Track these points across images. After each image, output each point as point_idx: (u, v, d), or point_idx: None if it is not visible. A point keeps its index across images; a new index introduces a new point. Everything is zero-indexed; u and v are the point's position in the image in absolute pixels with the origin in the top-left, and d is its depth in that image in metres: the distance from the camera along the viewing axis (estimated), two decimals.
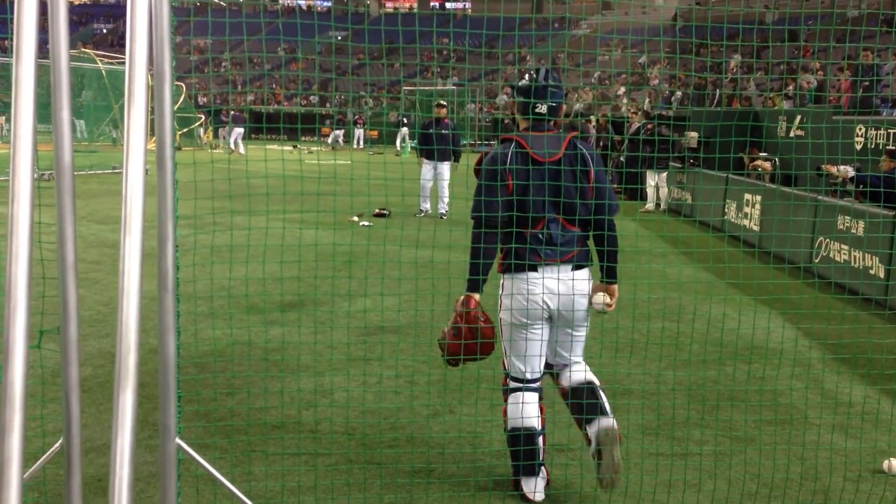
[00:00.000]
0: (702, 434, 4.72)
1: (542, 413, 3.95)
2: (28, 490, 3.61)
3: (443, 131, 14.01)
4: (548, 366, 4.03)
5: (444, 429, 4.70)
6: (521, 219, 3.78)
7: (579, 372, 3.96)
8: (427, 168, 14.10)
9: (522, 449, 3.82)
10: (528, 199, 3.76)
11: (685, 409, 5.02)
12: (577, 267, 3.84)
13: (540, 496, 3.86)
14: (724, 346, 6.33)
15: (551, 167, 3.79)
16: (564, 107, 3.93)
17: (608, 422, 3.78)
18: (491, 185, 3.80)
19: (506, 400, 3.96)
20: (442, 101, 14.77)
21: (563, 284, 3.77)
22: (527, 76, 3.92)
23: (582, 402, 3.87)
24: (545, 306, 3.81)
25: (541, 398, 3.96)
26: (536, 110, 3.85)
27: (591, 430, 3.81)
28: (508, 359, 3.98)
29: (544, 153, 3.79)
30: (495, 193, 3.77)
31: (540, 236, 3.78)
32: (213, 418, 4.73)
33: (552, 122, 3.90)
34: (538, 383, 3.96)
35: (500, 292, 3.92)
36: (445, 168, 13.99)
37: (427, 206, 14.31)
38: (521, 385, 3.93)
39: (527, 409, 3.86)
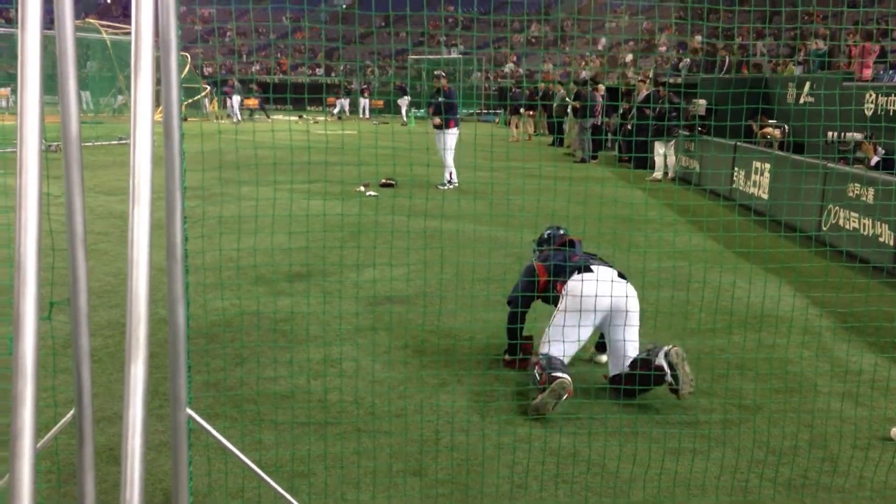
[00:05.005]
0: (710, 402, 4.73)
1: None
2: (41, 459, 3.65)
3: (439, 99, 13.88)
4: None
5: (452, 398, 4.72)
6: (559, 269, 4.99)
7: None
8: (436, 137, 14.02)
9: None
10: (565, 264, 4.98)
11: (693, 377, 5.02)
12: (620, 276, 4.89)
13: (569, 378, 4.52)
14: (732, 315, 6.32)
15: (575, 244, 5.28)
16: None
17: (671, 346, 4.60)
18: (526, 280, 5.12)
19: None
20: (437, 72, 14.71)
21: (608, 285, 4.71)
22: (546, 233, 5.53)
23: (640, 359, 4.69)
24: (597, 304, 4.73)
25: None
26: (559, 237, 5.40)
27: (660, 360, 4.57)
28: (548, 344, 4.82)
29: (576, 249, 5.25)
30: (525, 286, 5.09)
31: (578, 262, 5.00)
32: (222, 388, 4.76)
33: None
34: None
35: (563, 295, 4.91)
36: (443, 136, 13.83)
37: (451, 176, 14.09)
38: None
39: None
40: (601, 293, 4.70)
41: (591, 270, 4.86)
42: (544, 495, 3.66)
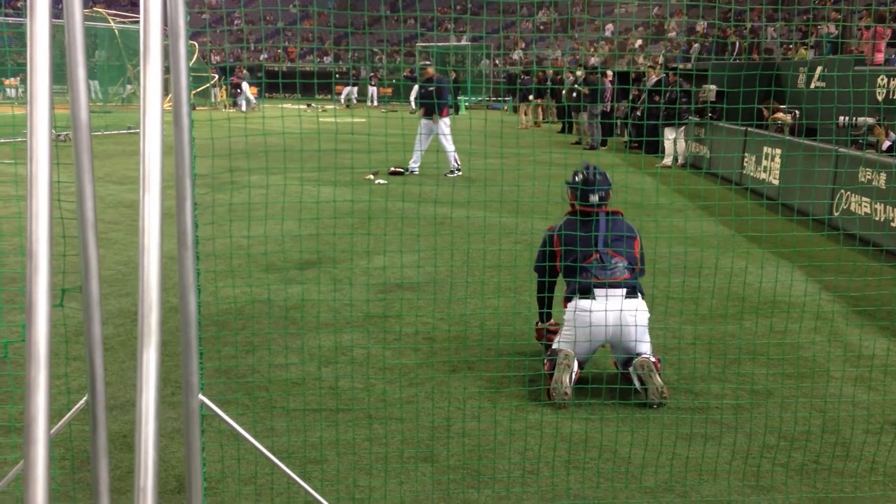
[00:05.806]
0: (721, 388, 4.72)
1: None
2: (55, 445, 3.67)
3: (429, 88, 13.89)
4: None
5: (463, 384, 4.72)
6: (574, 259, 4.68)
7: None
8: (422, 124, 14.06)
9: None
10: (578, 244, 4.63)
11: (705, 363, 5.01)
12: (630, 295, 4.59)
13: (569, 390, 4.46)
14: (744, 301, 6.30)
15: (599, 217, 4.77)
16: (611, 193, 4.90)
17: (641, 356, 4.53)
18: (544, 250, 4.95)
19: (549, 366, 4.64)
20: (425, 62, 15.04)
21: (613, 314, 4.51)
22: (579, 175, 4.88)
23: (627, 356, 4.64)
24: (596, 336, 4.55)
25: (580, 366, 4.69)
26: (590, 199, 4.79)
27: (631, 368, 4.54)
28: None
29: (593, 207, 4.78)
30: (545, 256, 4.93)
31: (595, 264, 4.66)
32: (234, 375, 4.77)
33: (603, 208, 4.84)
34: None
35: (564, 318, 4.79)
36: (439, 123, 13.83)
37: (415, 165, 13.97)
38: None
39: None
40: (599, 324, 4.49)
41: (593, 297, 4.59)
42: (556, 481, 3.66)
